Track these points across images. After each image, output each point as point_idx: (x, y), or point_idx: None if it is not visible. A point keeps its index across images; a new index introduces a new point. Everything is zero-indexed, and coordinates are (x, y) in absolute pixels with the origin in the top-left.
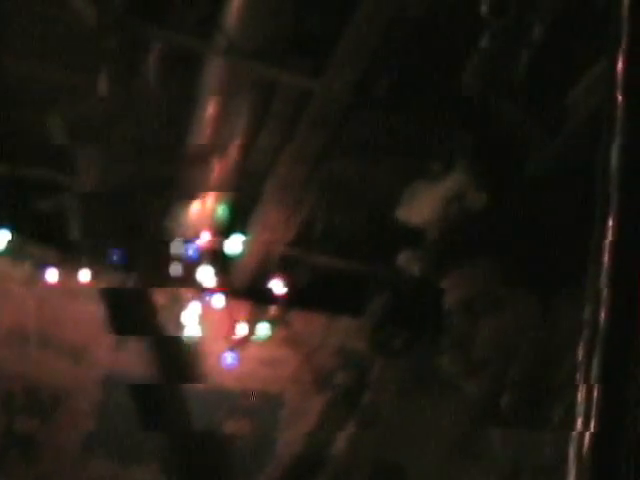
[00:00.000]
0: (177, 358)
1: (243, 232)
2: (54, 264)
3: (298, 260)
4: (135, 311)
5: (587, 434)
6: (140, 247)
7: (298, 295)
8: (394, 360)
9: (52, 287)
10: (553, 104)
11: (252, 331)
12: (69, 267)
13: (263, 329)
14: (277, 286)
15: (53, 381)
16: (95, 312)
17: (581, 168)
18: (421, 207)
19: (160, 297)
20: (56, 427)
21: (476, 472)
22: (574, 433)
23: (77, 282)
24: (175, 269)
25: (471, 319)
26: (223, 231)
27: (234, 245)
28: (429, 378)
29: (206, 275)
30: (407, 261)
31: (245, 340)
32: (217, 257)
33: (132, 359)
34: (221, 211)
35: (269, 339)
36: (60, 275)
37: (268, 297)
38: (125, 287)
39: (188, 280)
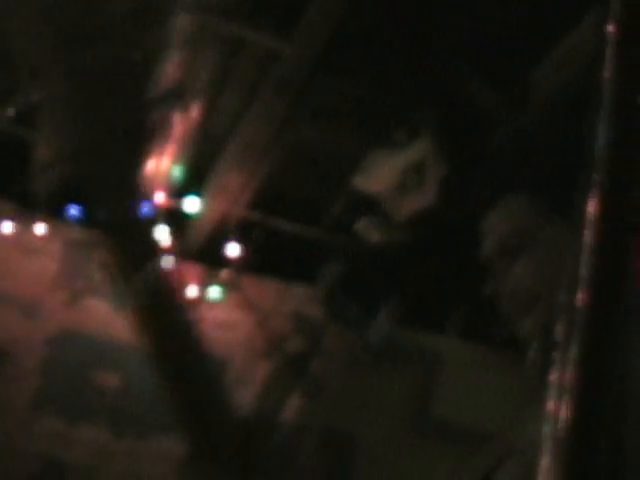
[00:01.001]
0: None
1: (199, 194)
2: (10, 217)
3: (254, 224)
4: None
5: (562, 415)
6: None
7: (252, 259)
8: (347, 329)
9: (7, 239)
10: (518, 79)
11: (202, 294)
12: (25, 220)
13: (214, 292)
14: (231, 249)
15: (3, 335)
16: (50, 266)
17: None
18: (381, 176)
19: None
20: (4, 382)
21: (428, 446)
22: (548, 413)
23: (33, 235)
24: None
25: (509, 258)
26: (178, 192)
27: (191, 206)
28: (383, 350)
29: (162, 234)
30: (364, 229)
31: (196, 302)
32: (173, 217)
33: (85, 316)
34: (177, 171)
35: (221, 302)
36: (16, 228)
37: (222, 260)
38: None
39: None
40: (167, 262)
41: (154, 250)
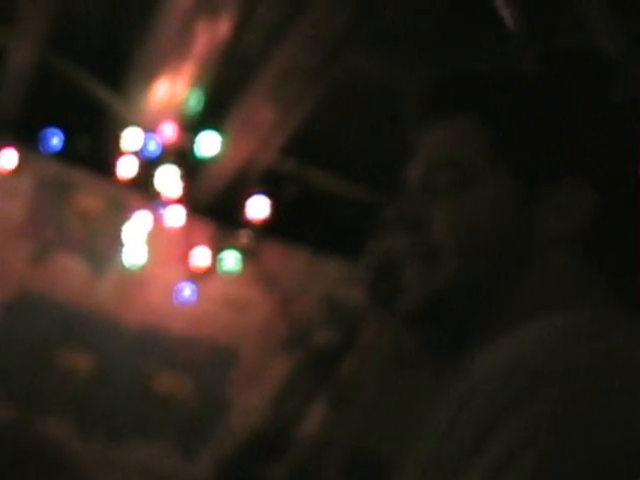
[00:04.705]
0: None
1: (219, 130)
2: None
3: (287, 175)
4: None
5: None
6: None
7: (281, 221)
8: (393, 322)
9: None
10: None
11: (215, 260)
12: None
13: (231, 259)
14: (255, 206)
15: None
16: (15, 209)
17: None
18: None
19: (95, 202)
20: None
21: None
22: None
23: None
24: (126, 167)
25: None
26: (193, 125)
27: (208, 145)
28: (433, 352)
29: (168, 178)
30: None
31: (209, 271)
32: (184, 158)
33: (50, 276)
34: (194, 98)
35: (235, 274)
36: None
37: (241, 219)
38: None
39: (142, 183)
40: (176, 216)
41: None
